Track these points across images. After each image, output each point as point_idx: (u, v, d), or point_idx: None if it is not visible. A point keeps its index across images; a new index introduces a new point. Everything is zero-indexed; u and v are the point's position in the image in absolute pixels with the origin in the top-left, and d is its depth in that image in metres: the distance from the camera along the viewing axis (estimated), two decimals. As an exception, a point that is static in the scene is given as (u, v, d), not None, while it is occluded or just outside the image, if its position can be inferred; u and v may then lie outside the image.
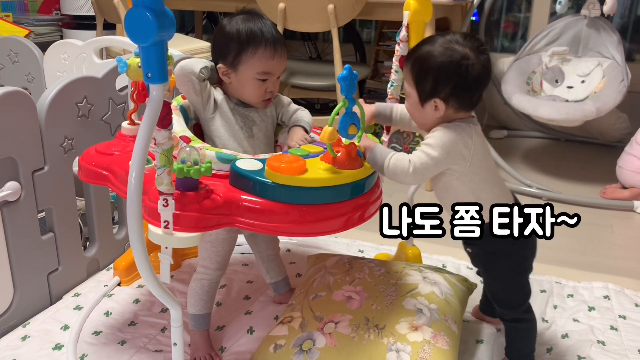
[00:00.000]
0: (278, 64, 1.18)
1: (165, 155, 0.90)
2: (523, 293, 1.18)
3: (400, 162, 1.05)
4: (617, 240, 2.01)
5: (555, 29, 2.73)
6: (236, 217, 1.00)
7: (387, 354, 1.13)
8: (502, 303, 1.20)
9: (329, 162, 1.03)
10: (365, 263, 1.37)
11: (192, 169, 0.93)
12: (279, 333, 1.20)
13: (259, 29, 1.15)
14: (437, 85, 1.06)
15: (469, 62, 1.04)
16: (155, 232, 0.96)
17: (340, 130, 0.99)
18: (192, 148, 0.95)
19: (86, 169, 1.20)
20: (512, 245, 1.11)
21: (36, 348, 1.28)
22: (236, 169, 1.02)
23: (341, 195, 1.03)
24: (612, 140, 2.98)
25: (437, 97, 1.07)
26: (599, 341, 1.35)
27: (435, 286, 1.28)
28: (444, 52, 1.05)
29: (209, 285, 1.26)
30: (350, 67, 0.97)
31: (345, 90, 0.98)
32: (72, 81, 1.40)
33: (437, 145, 1.05)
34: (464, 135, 1.07)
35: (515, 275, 1.17)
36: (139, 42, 0.76)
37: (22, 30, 2.78)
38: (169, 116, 0.89)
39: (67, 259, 1.47)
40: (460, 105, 1.08)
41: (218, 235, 1.23)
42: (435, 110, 1.08)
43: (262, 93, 1.19)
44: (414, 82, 1.09)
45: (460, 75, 1.04)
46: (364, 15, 2.40)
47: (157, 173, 0.92)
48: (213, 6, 3.05)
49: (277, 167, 0.99)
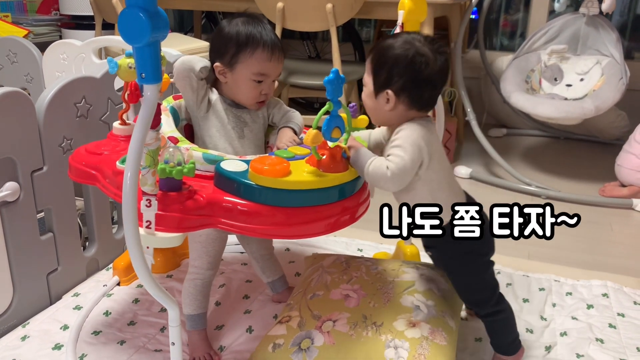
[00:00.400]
0: (274, 67, 1.19)
1: (150, 156, 0.91)
2: (489, 289, 1.20)
3: (378, 168, 1.04)
4: (616, 238, 2.01)
5: (554, 27, 2.73)
6: (219, 218, 1.00)
7: (385, 350, 1.13)
8: (471, 302, 1.23)
9: (314, 165, 1.02)
10: (362, 262, 1.37)
11: (175, 170, 0.93)
12: (278, 332, 1.21)
13: (258, 32, 1.17)
14: (391, 76, 1.08)
15: (423, 59, 1.06)
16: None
17: (324, 133, 0.99)
18: (175, 148, 0.95)
19: (76, 168, 1.20)
20: (470, 246, 1.13)
21: (36, 348, 1.28)
22: (220, 170, 1.02)
23: (327, 198, 1.03)
24: (611, 138, 2.98)
25: (389, 88, 1.08)
26: (598, 339, 1.35)
27: (432, 283, 1.29)
28: (403, 45, 1.07)
29: (202, 284, 1.27)
30: (337, 71, 0.97)
31: (331, 93, 0.98)
32: (70, 81, 1.40)
33: (407, 144, 1.06)
34: (425, 131, 1.08)
35: (477, 274, 1.19)
36: (133, 42, 0.76)
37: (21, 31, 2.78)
38: (158, 117, 0.90)
39: (67, 259, 1.48)
40: (411, 102, 1.09)
41: (208, 235, 1.24)
42: (387, 103, 1.09)
43: (256, 94, 1.20)
44: (372, 72, 1.11)
45: (413, 70, 1.06)
46: (363, 14, 2.40)
47: (141, 173, 0.91)
48: (212, 6, 3.05)
49: (261, 169, 0.98)
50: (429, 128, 1.10)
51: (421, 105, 1.11)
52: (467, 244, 1.12)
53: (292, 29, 2.45)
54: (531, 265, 1.70)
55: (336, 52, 2.35)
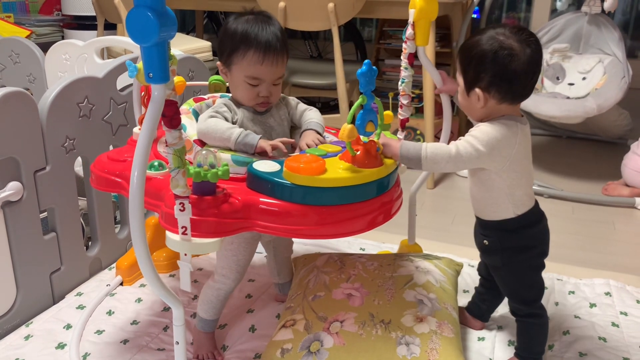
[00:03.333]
0: (268, 71, 1.13)
1: (178, 156, 0.89)
2: (539, 288, 1.20)
3: (440, 149, 1.06)
4: (618, 237, 2.01)
5: (556, 26, 2.73)
6: (255, 220, 0.98)
7: (397, 347, 1.13)
8: (518, 299, 1.21)
9: (348, 161, 1.00)
10: (355, 258, 1.37)
11: (210, 173, 0.90)
12: (284, 337, 1.19)
13: (254, 32, 1.12)
14: (477, 74, 1.08)
15: (506, 53, 1.05)
16: (173, 239, 0.95)
17: (359, 127, 0.97)
18: (208, 151, 0.93)
19: (99, 176, 1.17)
20: (531, 240, 1.16)
21: (39, 347, 1.28)
22: (254, 171, 1.00)
23: (365, 195, 1.01)
24: (614, 137, 2.97)
25: (478, 86, 1.09)
26: (600, 337, 1.35)
27: (429, 275, 1.30)
28: (487, 41, 1.07)
29: (224, 295, 1.24)
30: (369, 63, 0.95)
31: (364, 86, 0.96)
32: (73, 81, 1.41)
33: (483, 140, 1.07)
34: (510, 134, 1.08)
35: (533, 270, 1.19)
36: (141, 42, 0.76)
37: (24, 31, 2.79)
38: (177, 116, 0.88)
39: (70, 259, 1.48)
40: (502, 96, 1.09)
41: (240, 244, 1.19)
42: (478, 101, 1.10)
43: (252, 96, 1.16)
44: (461, 71, 1.13)
45: (498, 65, 1.05)
46: (365, 14, 2.40)
47: (172, 175, 0.90)
48: (214, 6, 3.06)
49: (296, 167, 0.96)
50: (515, 129, 1.09)
51: (513, 98, 1.10)
52: (529, 238, 1.16)
53: (294, 28, 2.45)
54: (534, 264, 1.70)
55: (338, 52, 2.35)
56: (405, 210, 1.55)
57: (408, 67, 1.35)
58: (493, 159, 1.09)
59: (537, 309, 1.20)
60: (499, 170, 1.10)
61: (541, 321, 1.20)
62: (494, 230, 1.17)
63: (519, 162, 1.11)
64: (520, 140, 1.10)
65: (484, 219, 1.18)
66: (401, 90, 1.39)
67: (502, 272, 1.21)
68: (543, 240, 1.18)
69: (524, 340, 1.22)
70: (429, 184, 2.39)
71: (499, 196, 1.13)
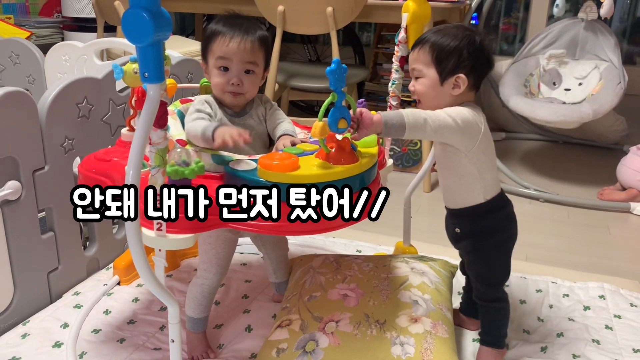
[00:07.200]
0: (235, 51, 1.15)
1: (160, 155, 0.91)
2: (506, 271, 1.25)
3: (418, 113, 1.08)
4: (613, 241, 2.02)
5: (553, 32, 2.75)
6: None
7: (391, 348, 1.14)
8: (485, 281, 1.24)
9: (323, 159, 1.01)
10: (352, 260, 1.38)
11: (187, 170, 0.92)
12: (280, 337, 1.20)
13: (226, 20, 1.18)
14: (461, 60, 1.13)
15: (479, 40, 1.14)
16: (148, 235, 0.96)
17: (330, 124, 0.98)
18: (182, 149, 0.94)
19: (85, 176, 1.19)
20: (499, 222, 1.21)
21: (36, 346, 1.29)
22: (229, 170, 1.02)
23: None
24: (610, 143, 2.99)
25: (461, 72, 1.13)
26: (594, 340, 1.36)
27: (425, 276, 1.31)
28: (462, 32, 1.14)
29: (208, 290, 1.25)
30: (338, 60, 0.96)
31: (334, 83, 0.97)
32: (72, 82, 1.42)
33: (457, 116, 1.11)
34: (477, 116, 1.14)
35: (501, 252, 1.23)
36: (136, 42, 0.77)
37: (24, 32, 2.80)
38: (165, 116, 0.90)
39: (67, 258, 1.49)
40: (476, 82, 1.16)
41: (218, 237, 1.22)
42: (454, 88, 1.14)
43: (224, 83, 1.17)
44: (434, 62, 1.15)
45: (479, 50, 1.14)
46: (363, 18, 2.42)
47: (151, 173, 0.91)
48: (213, 9, 3.07)
49: (269, 164, 0.97)
50: (479, 113, 1.16)
51: (479, 86, 1.18)
52: (501, 220, 1.21)
53: (293, 32, 2.47)
54: (528, 267, 1.71)
55: (336, 56, 2.37)
56: (400, 213, 1.56)
57: (399, 69, 1.39)
58: (464, 135, 1.12)
59: (502, 293, 1.24)
60: (469, 152, 1.13)
61: (505, 305, 1.24)
62: (465, 217, 1.21)
63: (487, 144, 1.16)
64: (484, 123, 1.16)
65: (455, 208, 1.22)
66: (391, 92, 1.42)
67: (472, 255, 1.24)
68: (510, 225, 1.22)
69: (490, 323, 1.25)
70: (426, 187, 2.40)
71: (470, 182, 1.16)
